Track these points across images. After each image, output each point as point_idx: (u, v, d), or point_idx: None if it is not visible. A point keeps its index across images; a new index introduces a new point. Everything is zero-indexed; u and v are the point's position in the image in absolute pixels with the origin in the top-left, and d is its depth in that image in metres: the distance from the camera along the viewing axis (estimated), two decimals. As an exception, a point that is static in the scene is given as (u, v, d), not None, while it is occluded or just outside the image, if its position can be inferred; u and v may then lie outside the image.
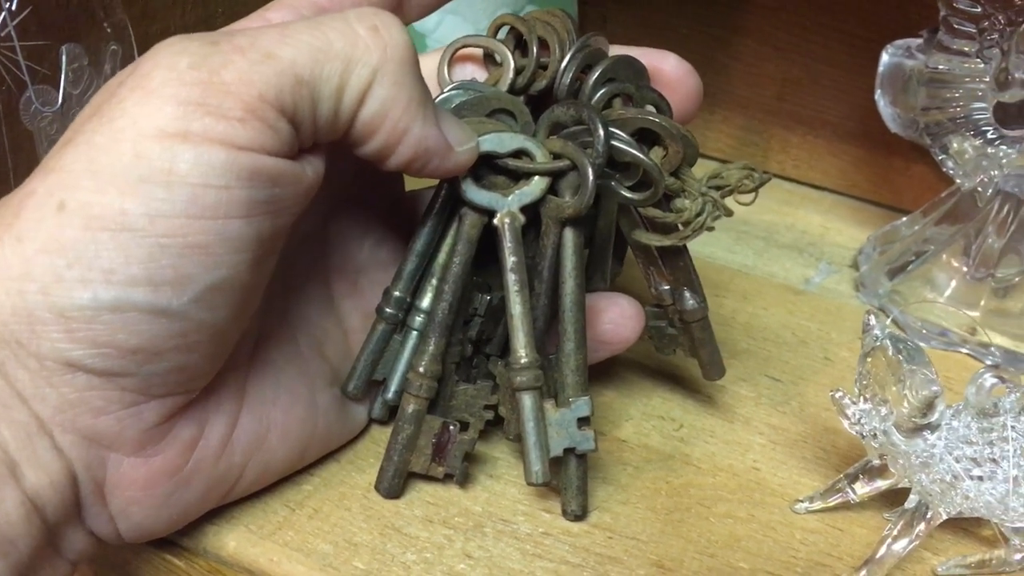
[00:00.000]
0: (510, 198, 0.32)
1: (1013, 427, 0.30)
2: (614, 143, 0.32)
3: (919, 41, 0.43)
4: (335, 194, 0.33)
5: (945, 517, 0.31)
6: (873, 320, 0.30)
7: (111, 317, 0.25)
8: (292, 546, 0.31)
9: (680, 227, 0.33)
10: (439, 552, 0.31)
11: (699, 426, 0.38)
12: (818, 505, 0.34)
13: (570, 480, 0.33)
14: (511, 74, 0.34)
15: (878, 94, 0.44)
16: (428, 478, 0.34)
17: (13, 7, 0.32)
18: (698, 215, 0.32)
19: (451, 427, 0.33)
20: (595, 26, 0.57)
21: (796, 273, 0.48)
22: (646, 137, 0.32)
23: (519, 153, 0.32)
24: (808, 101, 0.54)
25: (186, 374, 0.28)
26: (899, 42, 0.44)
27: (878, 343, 0.30)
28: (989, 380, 0.30)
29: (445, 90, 0.34)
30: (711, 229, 0.33)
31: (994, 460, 0.30)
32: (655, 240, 0.34)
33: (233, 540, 0.31)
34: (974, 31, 0.40)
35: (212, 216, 0.26)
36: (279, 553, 0.31)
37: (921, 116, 0.43)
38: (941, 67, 0.42)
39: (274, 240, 0.28)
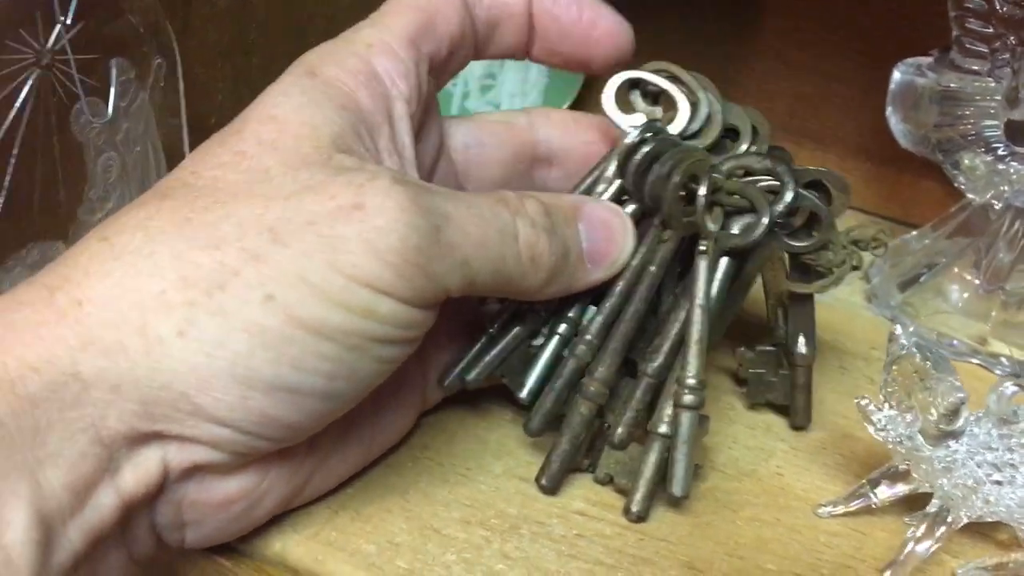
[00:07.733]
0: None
1: (1032, 434, 0.31)
2: (800, 190, 0.35)
3: (930, 60, 0.44)
4: None
5: (966, 521, 0.32)
6: (899, 330, 0.32)
7: (285, 396, 0.28)
8: (336, 546, 0.32)
9: (825, 275, 0.36)
10: (478, 552, 0.32)
11: (723, 433, 0.39)
12: (841, 509, 0.35)
13: (645, 481, 0.34)
14: (685, 121, 0.37)
15: (889, 111, 0.45)
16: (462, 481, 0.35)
17: (68, 21, 0.33)
18: (841, 264, 0.36)
19: (607, 426, 0.35)
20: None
21: (809, 285, 0.49)
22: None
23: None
24: (819, 118, 0.55)
25: (303, 436, 0.30)
26: (910, 60, 0.45)
27: (904, 352, 0.31)
28: (1010, 389, 0.32)
29: (632, 134, 0.36)
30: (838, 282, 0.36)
31: (1013, 465, 0.31)
32: (803, 288, 0.37)
33: (279, 541, 0.32)
34: (986, 51, 0.42)
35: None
36: (324, 552, 0.32)
37: (933, 133, 0.44)
38: (953, 85, 0.43)
39: None
